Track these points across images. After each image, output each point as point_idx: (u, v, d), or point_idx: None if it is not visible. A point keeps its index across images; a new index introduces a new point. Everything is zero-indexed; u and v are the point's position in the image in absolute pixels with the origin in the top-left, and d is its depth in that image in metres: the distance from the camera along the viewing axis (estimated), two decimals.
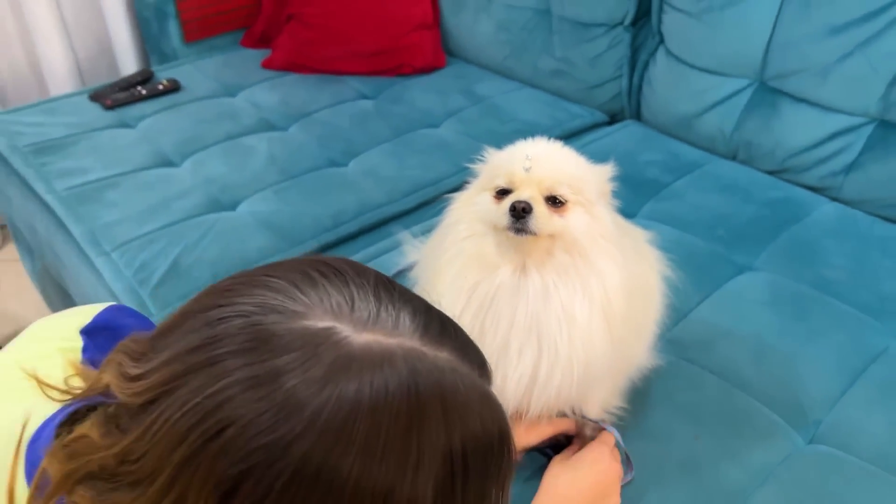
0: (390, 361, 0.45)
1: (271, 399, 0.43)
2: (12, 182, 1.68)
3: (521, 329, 0.84)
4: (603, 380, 0.91)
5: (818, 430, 1.03)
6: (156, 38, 2.24)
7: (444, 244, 0.89)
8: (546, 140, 0.88)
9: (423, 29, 2.07)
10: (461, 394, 0.48)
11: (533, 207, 0.80)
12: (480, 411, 0.49)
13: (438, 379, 0.47)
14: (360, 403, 0.43)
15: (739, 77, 1.57)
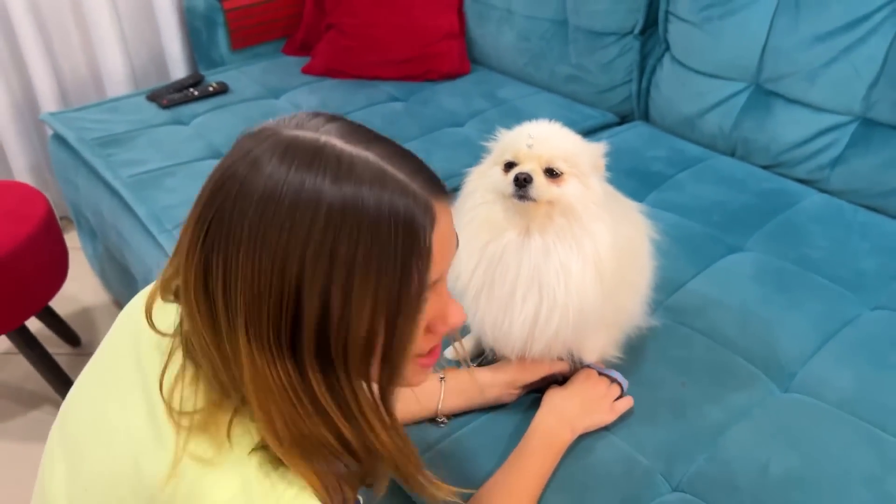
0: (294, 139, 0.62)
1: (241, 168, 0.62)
2: (80, 171, 1.88)
3: (525, 280, 1.00)
4: (597, 327, 1.06)
5: (793, 381, 1.18)
6: (205, 46, 2.45)
7: (462, 209, 1.06)
8: (548, 122, 1.04)
9: (450, 38, 2.25)
10: (362, 169, 0.60)
11: (533, 178, 0.96)
12: (378, 192, 0.60)
13: (338, 157, 0.61)
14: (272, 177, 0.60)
15: (737, 80, 1.72)
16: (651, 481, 1.02)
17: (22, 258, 1.58)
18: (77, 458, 0.72)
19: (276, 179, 0.59)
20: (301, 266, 0.59)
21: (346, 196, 0.59)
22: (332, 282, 0.59)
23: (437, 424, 1.10)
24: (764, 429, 1.09)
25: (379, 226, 0.60)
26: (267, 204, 0.59)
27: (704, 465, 1.04)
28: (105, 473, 0.68)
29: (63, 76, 2.43)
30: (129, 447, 0.67)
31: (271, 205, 0.59)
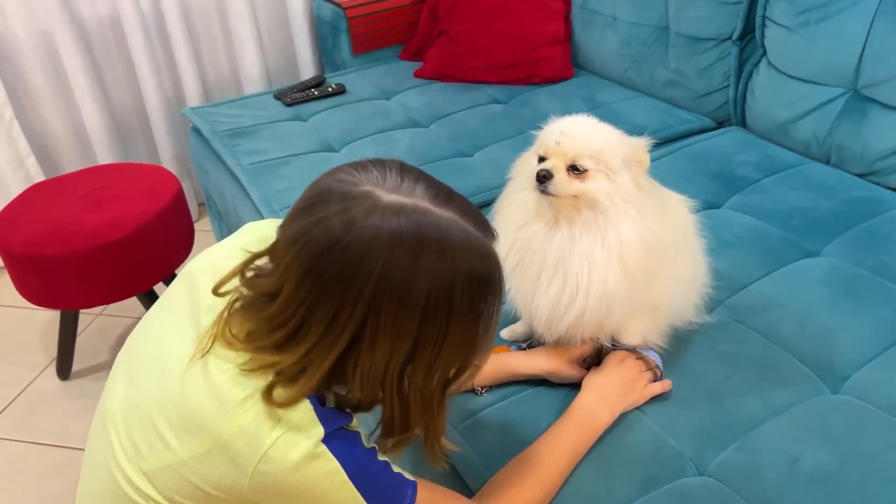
0: (403, 211, 0.73)
1: (338, 226, 0.73)
2: (211, 158, 2.12)
3: (551, 265, 1.07)
4: (630, 313, 1.11)
5: (844, 384, 1.17)
6: (330, 51, 2.66)
7: (506, 191, 1.14)
8: (584, 116, 1.09)
9: (554, 44, 2.33)
10: (455, 238, 0.74)
11: (553, 175, 1.02)
12: (471, 252, 0.76)
13: (437, 225, 0.74)
14: (381, 233, 0.72)
15: (833, 86, 1.69)
16: (678, 464, 1.06)
17: (154, 229, 1.82)
18: (135, 380, 0.87)
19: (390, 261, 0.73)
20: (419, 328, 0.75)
21: (448, 271, 0.75)
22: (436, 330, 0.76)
23: (478, 394, 1.19)
24: (802, 425, 1.09)
25: (469, 287, 0.76)
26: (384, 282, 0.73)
27: (733, 453, 1.06)
28: (156, 394, 0.83)
29: (207, 76, 2.72)
30: (178, 375, 0.81)
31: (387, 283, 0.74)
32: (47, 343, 2.21)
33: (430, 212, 0.74)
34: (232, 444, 0.77)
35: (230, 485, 0.79)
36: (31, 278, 1.81)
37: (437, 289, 0.74)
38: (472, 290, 0.77)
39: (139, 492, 0.83)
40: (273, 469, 0.77)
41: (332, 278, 0.73)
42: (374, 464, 0.83)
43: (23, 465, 1.84)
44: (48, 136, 2.56)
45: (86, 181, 2.00)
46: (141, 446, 0.83)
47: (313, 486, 0.78)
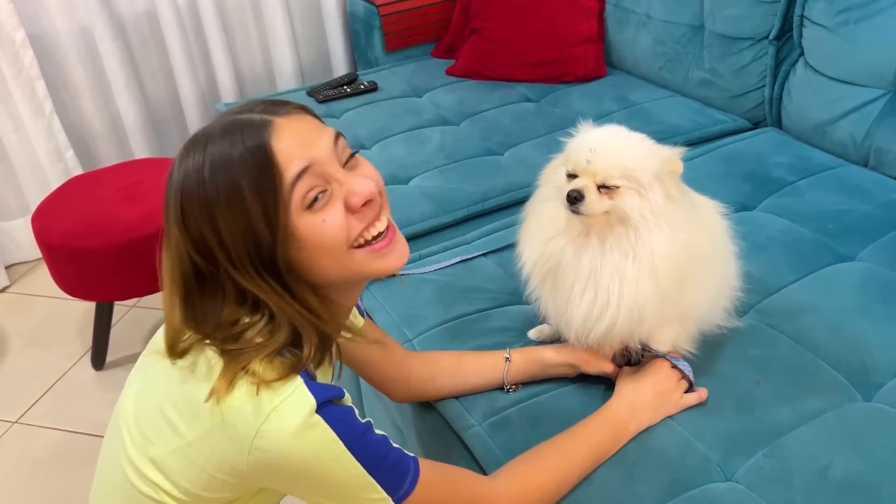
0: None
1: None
2: None
3: (583, 278, 1.06)
4: (661, 322, 1.10)
5: (878, 392, 1.15)
6: (363, 48, 2.68)
7: (535, 199, 1.14)
8: (615, 128, 1.07)
9: (588, 43, 2.31)
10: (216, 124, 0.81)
11: (585, 196, 1.01)
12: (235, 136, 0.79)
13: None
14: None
15: (873, 87, 1.66)
16: (705, 469, 1.05)
17: None
18: (148, 376, 0.89)
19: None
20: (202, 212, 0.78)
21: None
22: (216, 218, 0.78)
23: (508, 391, 1.19)
24: (833, 433, 1.08)
25: (239, 164, 0.78)
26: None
27: (761, 459, 1.05)
28: (163, 384, 0.85)
29: (241, 71, 2.75)
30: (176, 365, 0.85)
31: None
32: (83, 334, 2.26)
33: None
34: (229, 422, 0.78)
35: (231, 464, 0.80)
36: (68, 270, 1.85)
37: (210, 180, 0.78)
38: (229, 168, 0.78)
39: (148, 482, 0.84)
40: (269, 444, 0.77)
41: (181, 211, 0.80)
42: (372, 435, 0.83)
43: (57, 452, 1.88)
44: (86, 129, 2.61)
45: (121, 175, 2.03)
46: (150, 433, 0.84)
47: (311, 458, 0.78)
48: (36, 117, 2.39)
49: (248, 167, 0.77)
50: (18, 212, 2.58)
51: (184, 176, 0.79)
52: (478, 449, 1.13)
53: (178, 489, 0.84)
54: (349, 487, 0.81)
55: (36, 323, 2.35)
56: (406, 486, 0.84)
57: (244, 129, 0.79)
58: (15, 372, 2.16)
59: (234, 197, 0.77)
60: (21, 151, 2.44)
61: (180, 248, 0.80)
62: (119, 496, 0.88)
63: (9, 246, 2.59)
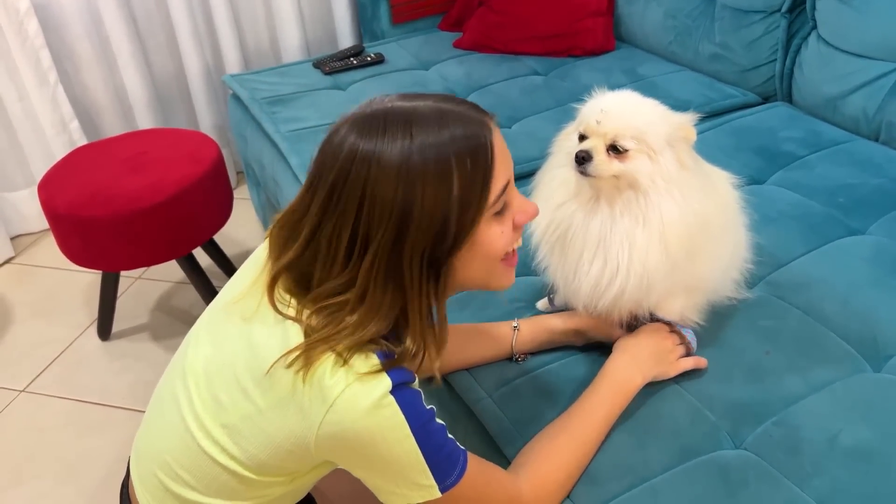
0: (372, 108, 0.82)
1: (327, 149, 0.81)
2: (250, 125, 2.14)
3: (592, 245, 1.05)
4: (670, 291, 1.09)
5: (888, 363, 1.15)
6: (369, 20, 2.65)
7: (546, 167, 1.13)
8: (627, 92, 1.06)
9: (597, 16, 2.29)
10: (423, 109, 0.80)
11: (593, 156, 0.99)
12: (443, 117, 0.79)
13: (404, 107, 0.81)
14: (353, 130, 0.80)
15: (886, 60, 1.64)
16: (715, 436, 1.05)
17: (194, 193, 1.85)
18: (220, 342, 0.90)
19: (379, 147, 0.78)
20: (398, 185, 0.77)
21: (424, 141, 0.78)
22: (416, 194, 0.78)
23: (517, 361, 1.19)
24: (843, 402, 1.08)
25: (454, 152, 0.78)
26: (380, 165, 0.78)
27: (771, 427, 1.05)
28: (242, 353, 0.86)
29: (247, 44, 2.73)
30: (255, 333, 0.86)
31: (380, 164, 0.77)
32: (89, 304, 2.26)
33: (399, 102, 0.81)
34: (303, 394, 0.80)
35: (300, 435, 0.82)
36: (74, 239, 1.85)
37: (403, 153, 0.77)
38: (442, 152, 0.78)
39: (215, 444, 0.87)
40: (341, 418, 0.79)
41: (316, 181, 0.80)
42: (434, 424, 0.85)
43: (65, 420, 1.89)
44: (91, 101, 2.59)
45: (127, 145, 2.02)
46: (224, 400, 0.86)
47: (378, 436, 0.80)
48: (41, 87, 2.37)
49: (465, 162, 0.78)
50: (23, 183, 2.58)
51: (375, 147, 0.77)
52: (489, 421, 1.13)
53: (245, 454, 0.86)
54: (404, 470, 0.83)
55: (42, 293, 2.35)
56: (453, 478, 0.85)
57: (463, 122, 0.80)
58: (22, 341, 2.16)
59: (442, 180, 0.78)
60: (26, 122, 2.43)
61: (333, 209, 0.79)
62: (185, 454, 0.90)
63: (14, 217, 2.59)
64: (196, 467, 0.89)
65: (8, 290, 2.38)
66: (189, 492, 0.91)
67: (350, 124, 0.80)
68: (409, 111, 0.79)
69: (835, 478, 0.97)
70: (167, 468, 0.92)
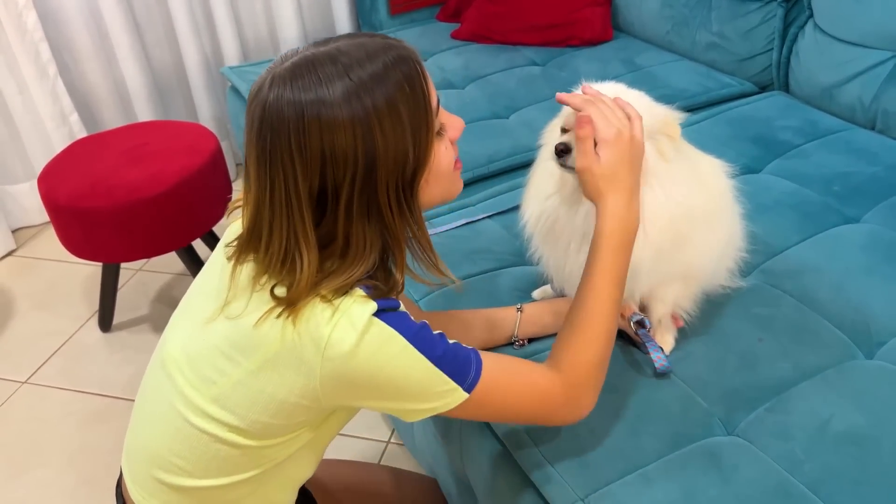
0: (292, 59, 0.80)
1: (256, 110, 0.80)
2: None
3: (578, 234, 1.06)
4: (658, 278, 1.10)
5: (880, 349, 1.15)
6: (367, 12, 2.65)
7: (537, 160, 1.14)
8: (612, 84, 1.05)
9: (594, 5, 2.29)
10: (345, 46, 0.80)
11: (571, 149, 0.98)
12: (365, 50, 0.79)
13: (327, 49, 0.80)
14: (283, 85, 0.78)
15: (882, 49, 1.64)
16: (707, 423, 1.06)
17: (193, 185, 1.85)
18: (196, 326, 0.92)
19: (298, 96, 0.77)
20: (355, 131, 0.77)
21: (362, 77, 0.78)
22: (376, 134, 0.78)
23: (515, 346, 1.20)
24: (835, 389, 1.09)
25: (394, 84, 0.78)
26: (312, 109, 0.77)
27: (763, 413, 1.06)
28: (221, 330, 0.87)
29: (245, 36, 2.73)
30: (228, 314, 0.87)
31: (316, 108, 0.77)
32: (90, 296, 2.28)
33: (316, 48, 0.80)
34: (297, 341, 0.81)
35: (304, 385, 0.83)
36: (74, 231, 1.86)
37: (350, 97, 0.76)
38: (384, 85, 0.78)
39: (212, 420, 0.88)
40: (337, 353, 0.80)
41: (266, 149, 0.78)
42: (429, 331, 0.85)
43: (66, 411, 1.91)
44: (90, 93, 2.60)
45: (127, 137, 2.03)
46: (210, 374, 0.87)
47: (379, 358, 0.81)
48: (40, 80, 2.38)
49: (405, 89, 0.79)
50: (24, 175, 2.59)
51: (316, 96, 0.76)
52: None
53: (246, 421, 0.87)
54: (419, 382, 0.84)
55: (43, 286, 2.37)
56: (472, 374, 0.86)
57: (388, 51, 0.80)
58: (23, 333, 2.18)
59: (392, 114, 0.78)
60: (25, 115, 2.44)
61: (294, 174, 0.78)
62: (177, 440, 0.91)
63: (14, 210, 2.60)
64: (192, 451, 0.90)
65: (9, 282, 2.39)
66: (186, 479, 0.92)
67: (277, 80, 0.78)
68: (334, 53, 0.79)
69: (826, 463, 0.98)
70: (160, 460, 0.93)
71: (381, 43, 0.81)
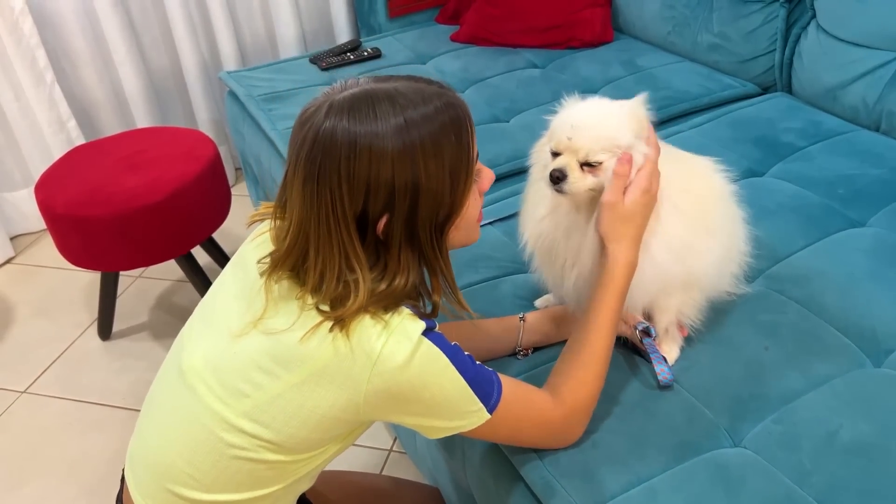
0: (352, 91, 0.84)
1: (309, 134, 0.83)
2: (247, 122, 2.13)
3: (572, 253, 1.06)
4: (656, 288, 1.08)
5: (888, 357, 1.14)
6: (366, 14, 2.64)
7: (529, 179, 1.13)
8: (596, 101, 1.03)
9: (595, 6, 2.27)
10: (405, 90, 0.84)
11: (567, 175, 0.99)
12: (424, 97, 0.84)
13: (385, 88, 0.84)
14: (340, 116, 0.82)
15: (885, 50, 1.63)
16: (713, 434, 1.04)
17: (191, 192, 1.84)
18: (219, 336, 0.91)
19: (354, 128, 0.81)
20: (402, 165, 0.82)
21: (414, 118, 0.82)
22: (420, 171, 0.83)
23: (518, 356, 1.19)
24: (842, 398, 1.07)
25: (441, 127, 0.84)
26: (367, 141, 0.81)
27: (770, 424, 1.04)
28: (255, 342, 0.87)
29: (243, 40, 2.72)
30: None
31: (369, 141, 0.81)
32: (89, 304, 2.27)
33: (376, 84, 0.85)
34: (348, 355, 0.83)
35: (347, 398, 0.85)
36: (73, 239, 1.85)
37: (401, 134, 0.81)
38: (433, 128, 0.83)
39: (242, 434, 0.87)
40: (388, 367, 0.83)
41: (318, 170, 0.81)
42: (463, 354, 0.90)
43: (66, 420, 1.89)
44: (88, 99, 2.59)
45: (124, 144, 2.02)
46: (243, 388, 0.87)
47: (425, 375, 0.85)
48: (37, 87, 2.37)
49: (451, 136, 0.85)
50: (22, 182, 2.57)
51: (371, 129, 0.80)
52: None
53: (282, 435, 0.87)
54: (455, 401, 0.87)
55: (42, 293, 2.35)
56: (495, 396, 0.90)
57: (441, 98, 0.85)
58: (22, 342, 2.16)
59: (437, 155, 0.83)
60: (23, 121, 2.43)
61: (341, 196, 0.82)
62: (199, 453, 0.90)
63: (13, 217, 2.59)
64: (214, 465, 0.89)
65: (8, 290, 2.38)
66: (202, 493, 0.91)
67: (335, 109, 0.82)
68: (392, 93, 0.83)
69: (834, 474, 0.97)
70: (176, 472, 0.92)
71: (436, 90, 0.86)
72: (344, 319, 0.83)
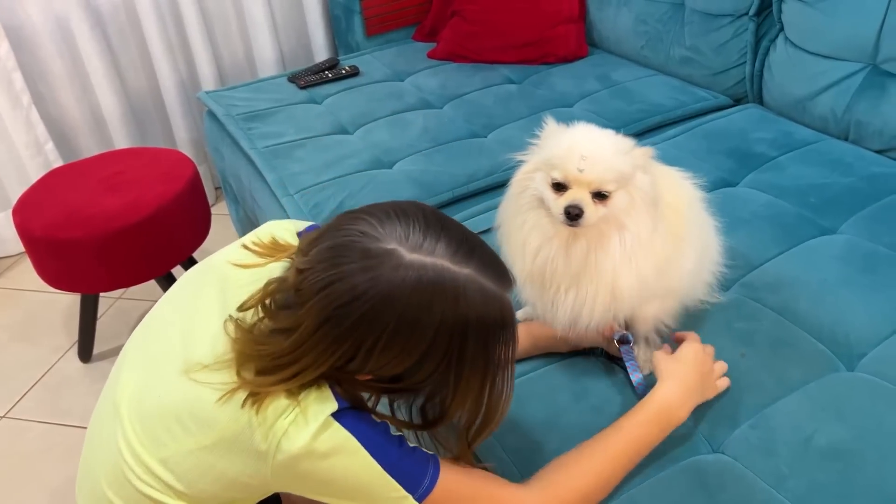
0: (424, 269, 0.78)
1: (361, 283, 0.77)
2: (226, 142, 2.13)
3: (568, 277, 1.06)
4: (642, 302, 1.11)
5: (860, 361, 1.16)
6: (343, 32, 2.66)
7: (512, 208, 1.10)
8: (596, 131, 1.03)
9: (569, 22, 2.31)
10: (471, 290, 0.79)
11: (584, 210, 0.98)
12: (485, 302, 0.80)
13: (455, 279, 0.79)
14: (402, 290, 0.77)
15: (852, 61, 1.67)
16: (691, 441, 1.06)
17: (171, 212, 1.84)
18: (153, 372, 0.90)
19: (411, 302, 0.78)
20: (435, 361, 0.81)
21: (462, 315, 0.79)
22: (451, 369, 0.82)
23: None
24: (817, 403, 1.09)
25: (485, 330, 0.82)
26: (404, 318, 0.78)
27: (747, 430, 1.06)
28: (180, 390, 0.85)
29: (222, 59, 2.73)
30: (199, 376, 0.84)
31: (408, 320, 0.78)
32: (69, 326, 2.25)
33: (448, 269, 0.79)
34: (254, 430, 0.80)
35: (256, 469, 0.82)
36: (51, 262, 1.84)
37: (449, 331, 0.79)
38: (483, 336, 0.81)
39: (154, 477, 0.86)
40: (290, 451, 0.80)
41: (348, 327, 0.77)
42: (388, 435, 0.85)
43: (46, 445, 1.87)
44: (66, 121, 2.58)
45: (103, 166, 2.01)
46: (161, 436, 0.85)
47: (330, 458, 0.81)
48: (14, 109, 2.36)
49: (504, 348, 0.84)
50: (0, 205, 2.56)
51: (423, 318, 0.78)
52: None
53: (193, 489, 0.85)
54: (370, 486, 0.83)
55: (21, 317, 2.33)
56: (426, 484, 0.86)
57: (504, 309, 0.83)
58: (1, 366, 2.14)
59: (484, 366, 0.84)
60: (0, 145, 2.41)
61: (357, 350, 0.79)
62: (115, 481, 0.89)
63: None
64: (130, 499, 0.88)
65: None
66: None
67: (401, 269, 0.78)
68: (460, 288, 0.79)
69: (810, 478, 0.98)
70: (99, 493, 0.91)
71: (497, 294, 0.83)
72: (259, 394, 0.80)
